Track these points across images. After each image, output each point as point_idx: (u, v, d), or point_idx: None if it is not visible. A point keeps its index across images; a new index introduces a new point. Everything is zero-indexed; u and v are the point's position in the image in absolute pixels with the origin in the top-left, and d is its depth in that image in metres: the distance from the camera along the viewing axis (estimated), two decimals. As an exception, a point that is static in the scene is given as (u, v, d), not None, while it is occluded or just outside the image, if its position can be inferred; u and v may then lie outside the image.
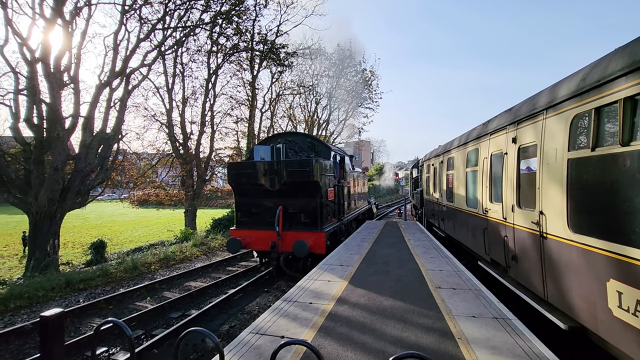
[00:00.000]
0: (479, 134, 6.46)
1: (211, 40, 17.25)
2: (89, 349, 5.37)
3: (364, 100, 28.40)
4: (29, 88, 11.09)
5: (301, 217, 7.87)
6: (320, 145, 9.55)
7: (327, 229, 7.91)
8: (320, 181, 7.64)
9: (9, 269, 12.91)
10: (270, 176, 7.99)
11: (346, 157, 11.18)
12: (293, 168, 7.67)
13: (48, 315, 2.42)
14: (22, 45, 10.93)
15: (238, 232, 8.30)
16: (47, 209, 10.88)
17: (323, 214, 7.88)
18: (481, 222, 6.15)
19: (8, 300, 7.19)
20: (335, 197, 8.89)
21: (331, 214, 8.63)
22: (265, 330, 3.50)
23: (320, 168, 7.69)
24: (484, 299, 4.21)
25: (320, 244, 7.57)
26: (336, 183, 9.13)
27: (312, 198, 7.80)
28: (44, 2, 10.83)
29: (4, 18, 10.75)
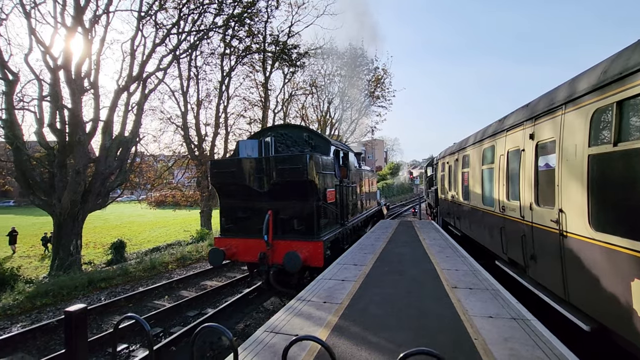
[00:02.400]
0: (495, 131, 6.31)
1: (224, 43, 17.50)
2: (110, 346, 5.55)
3: (376, 98, 28.25)
4: (51, 94, 11.54)
5: (294, 224, 6.53)
6: (318, 139, 8.11)
7: (325, 237, 6.66)
8: (317, 180, 6.46)
9: (35, 268, 13.46)
10: (257, 175, 6.77)
11: (351, 153, 9.68)
12: (283, 165, 6.42)
13: (72, 310, 2.51)
14: (45, 53, 11.38)
15: (222, 241, 7.04)
16: (69, 210, 11.30)
17: (321, 219, 6.68)
18: (498, 221, 6.01)
19: (35, 298, 7.52)
20: (336, 199, 7.69)
21: (332, 219, 7.41)
22: (280, 329, 3.53)
23: (317, 165, 6.51)
24: (501, 299, 4.12)
25: (317, 255, 6.28)
26: (338, 183, 7.87)
27: (307, 201, 6.53)
28: (65, 11, 11.22)
29: (28, 28, 11.22)
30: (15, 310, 7.13)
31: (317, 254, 6.30)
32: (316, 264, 6.30)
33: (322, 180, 6.76)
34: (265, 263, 6.50)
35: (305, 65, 21.63)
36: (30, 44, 11.37)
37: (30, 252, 17.84)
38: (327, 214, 7.06)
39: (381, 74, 27.05)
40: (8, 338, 5.65)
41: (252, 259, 6.71)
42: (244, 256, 6.89)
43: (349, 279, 5.21)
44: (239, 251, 6.89)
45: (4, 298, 7.47)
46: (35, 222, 27.90)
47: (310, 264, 6.28)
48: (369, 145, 39.23)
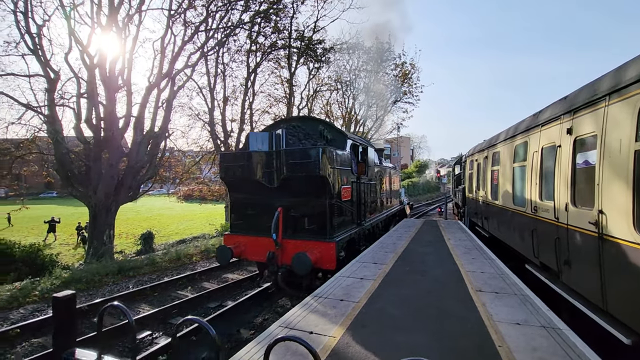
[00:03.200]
0: (528, 126, 5.92)
1: (250, 40, 17.71)
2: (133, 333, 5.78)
3: (403, 94, 27.57)
4: (88, 91, 12.19)
5: (305, 223, 6.14)
6: (333, 132, 7.62)
7: (339, 238, 6.25)
8: (330, 176, 6.02)
9: (73, 255, 14.34)
10: (267, 170, 6.38)
11: (370, 148, 9.08)
12: (294, 159, 6.02)
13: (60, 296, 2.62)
14: (83, 52, 12.02)
15: (231, 238, 6.78)
16: (103, 201, 11.92)
17: (334, 218, 6.21)
18: (529, 222, 5.65)
19: (70, 284, 8.00)
20: (352, 197, 7.22)
21: (347, 218, 6.96)
22: (295, 325, 3.49)
23: (330, 159, 6.05)
24: (530, 305, 3.84)
25: (329, 256, 5.86)
26: (355, 179, 7.39)
27: (319, 198, 6.10)
28: (100, 11, 11.77)
29: (68, 28, 11.88)
30: (52, 294, 7.59)
31: (329, 256, 5.87)
32: (328, 267, 5.90)
33: (336, 177, 6.33)
34: (274, 263, 6.17)
35: (330, 60, 21.48)
36: (69, 43, 12.05)
37: (69, 240, 19.07)
38: (342, 213, 6.62)
39: (408, 69, 26.34)
40: (43, 320, 6.05)
41: (260, 259, 6.38)
42: (252, 255, 6.60)
43: (367, 277, 5.08)
44: (248, 249, 6.59)
45: (43, 282, 8.00)
46: (74, 212, 29.79)
47: (322, 266, 5.90)
48: (395, 142, 38.48)
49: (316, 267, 5.79)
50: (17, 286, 7.83)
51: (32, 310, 6.72)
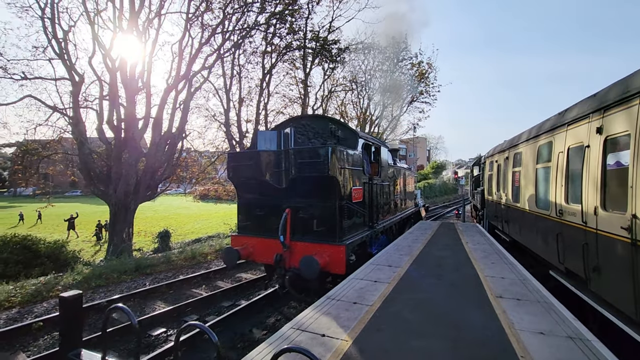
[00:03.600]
0: (553, 125, 5.65)
1: (265, 41, 17.83)
2: (147, 330, 5.87)
3: (420, 94, 27.11)
4: (110, 94, 12.58)
5: (314, 225, 5.91)
6: (345, 131, 7.32)
7: (350, 241, 5.97)
8: (340, 177, 5.78)
9: (94, 252, 14.80)
10: (275, 170, 6.25)
11: (383, 148, 8.67)
12: (302, 159, 5.79)
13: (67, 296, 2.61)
14: (106, 56, 12.41)
15: (238, 239, 6.62)
16: (123, 200, 12.24)
17: (344, 220, 5.96)
18: (554, 226, 5.38)
19: (90, 280, 8.23)
20: (364, 199, 6.92)
21: (358, 221, 6.68)
22: (306, 327, 3.42)
23: (340, 159, 5.79)
24: (555, 314, 3.63)
25: (338, 261, 5.60)
26: (367, 180, 7.12)
27: (328, 199, 5.85)
28: (122, 15, 12.12)
29: (92, 33, 12.30)
30: (74, 289, 7.82)
31: (339, 260, 5.60)
32: (337, 271, 5.63)
33: (347, 177, 6.08)
34: (282, 266, 5.96)
35: (345, 60, 21.36)
36: (93, 48, 12.48)
37: (91, 237, 19.73)
38: (352, 215, 6.36)
39: (425, 68, 25.89)
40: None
41: (268, 261, 6.17)
42: (260, 257, 6.42)
43: (382, 280, 4.96)
44: (255, 251, 6.41)
45: (65, 278, 8.27)
46: (96, 210, 30.86)
47: (331, 271, 5.64)
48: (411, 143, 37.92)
49: (325, 271, 5.56)
50: (42, 281, 8.14)
51: (55, 305, 6.94)
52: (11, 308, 6.83)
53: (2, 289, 7.36)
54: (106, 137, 13.05)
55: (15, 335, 5.60)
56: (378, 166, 8.10)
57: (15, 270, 9.04)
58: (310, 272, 5.26)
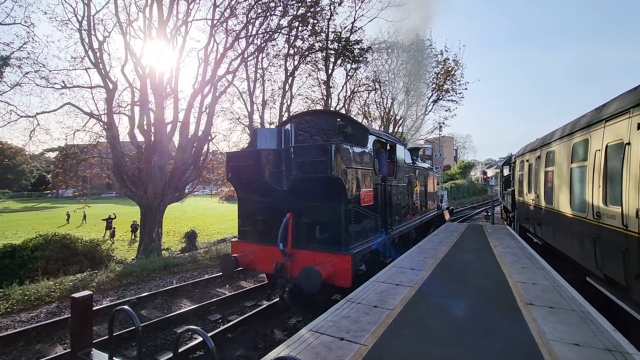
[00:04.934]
0: (589, 122, 5.29)
1: (288, 44, 18.04)
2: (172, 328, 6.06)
3: (445, 92, 26.37)
4: (140, 99, 13.19)
5: (317, 231, 5.36)
6: (354, 127, 6.68)
7: (357, 249, 5.34)
8: (346, 177, 5.17)
9: (127, 250, 15.54)
10: (276, 170, 5.73)
11: (399, 145, 7.92)
12: (302, 157, 5.22)
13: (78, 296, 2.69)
14: (137, 64, 13.04)
15: (239, 245, 6.17)
16: (153, 201, 12.78)
17: (350, 226, 5.31)
18: (591, 229, 5.02)
19: (122, 277, 8.64)
20: (376, 202, 6.29)
21: (368, 226, 6.02)
22: (325, 330, 3.39)
23: (346, 158, 5.20)
24: (592, 324, 3.38)
25: (343, 272, 5.00)
26: (379, 181, 6.48)
27: (333, 203, 5.25)
28: (151, 24, 12.68)
29: (124, 43, 12.96)
30: (107, 286, 8.28)
31: (344, 271, 5.00)
32: (342, 284, 5.01)
33: (354, 178, 5.46)
34: (283, 276, 5.39)
35: (368, 60, 21.17)
36: (125, 56, 13.16)
37: (125, 237, 20.75)
38: (361, 220, 5.71)
39: (451, 65, 25.15)
40: (99, 309, 6.58)
41: (269, 270, 5.64)
42: (261, 265, 5.90)
43: (403, 284, 4.84)
44: (256, 259, 5.90)
45: (99, 275, 8.74)
46: (130, 210, 32.42)
47: (335, 283, 5.05)
48: (437, 142, 36.94)
49: (329, 283, 5.01)
50: (78, 277, 8.65)
51: (89, 301, 7.34)
52: (51, 302, 7.30)
53: (44, 285, 7.88)
54: (137, 141, 13.69)
55: (55, 328, 5.97)
56: (393, 165, 7.51)
57: (55, 267, 9.69)
58: (310, 284, 4.67)
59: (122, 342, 5.37)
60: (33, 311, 6.86)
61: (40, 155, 17.65)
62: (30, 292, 7.39)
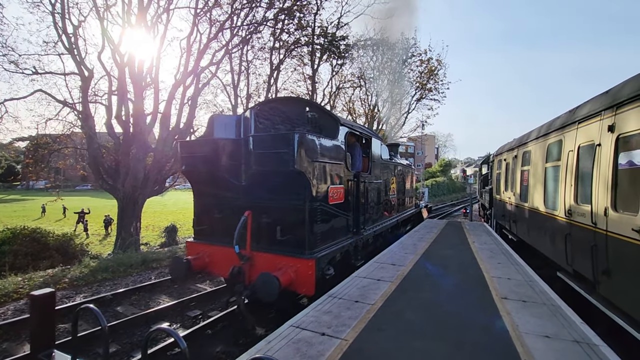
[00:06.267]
0: (563, 123, 5.50)
1: (274, 37, 17.78)
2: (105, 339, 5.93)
3: (429, 91, 26.77)
4: (119, 89, 12.68)
5: (278, 232, 4.68)
6: (324, 117, 5.95)
7: (324, 252, 4.82)
8: (311, 172, 4.60)
9: (103, 245, 15.03)
10: (234, 162, 5.11)
11: (374, 139, 7.31)
12: (262, 149, 4.63)
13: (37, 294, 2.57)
14: (114, 51, 12.49)
15: (194, 246, 5.55)
16: (131, 194, 12.37)
17: (315, 226, 4.74)
18: (562, 227, 5.25)
19: (97, 272, 8.35)
20: (347, 200, 5.71)
21: (338, 226, 5.48)
22: (307, 326, 3.40)
23: (312, 150, 4.63)
24: (562, 317, 3.55)
25: (305, 279, 4.47)
26: (351, 177, 5.90)
27: (296, 200, 4.67)
28: (130, 10, 12.18)
29: (101, 29, 12.39)
30: (81, 281, 7.98)
31: (306, 277, 4.45)
32: (304, 291, 4.54)
33: (321, 173, 4.88)
34: (241, 281, 4.82)
35: (353, 57, 21.18)
36: (102, 43, 12.57)
37: (100, 231, 20.05)
38: (329, 220, 5.14)
39: (435, 65, 25.53)
40: (72, 306, 6.33)
41: (226, 274, 5.05)
42: (218, 268, 5.30)
43: (385, 279, 4.91)
44: (212, 261, 5.31)
45: (73, 270, 8.41)
46: (106, 204, 31.32)
47: (297, 291, 4.56)
48: (419, 140, 37.53)
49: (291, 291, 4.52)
50: (49, 273, 8.28)
51: (61, 297, 7.05)
52: (19, 299, 6.97)
53: (12, 281, 7.51)
54: (115, 132, 13.17)
55: (23, 326, 5.70)
56: (368, 161, 6.95)
57: (24, 262, 9.24)
58: (266, 293, 4.16)
59: (94, 341, 5.19)
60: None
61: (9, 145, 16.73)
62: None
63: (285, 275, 4.37)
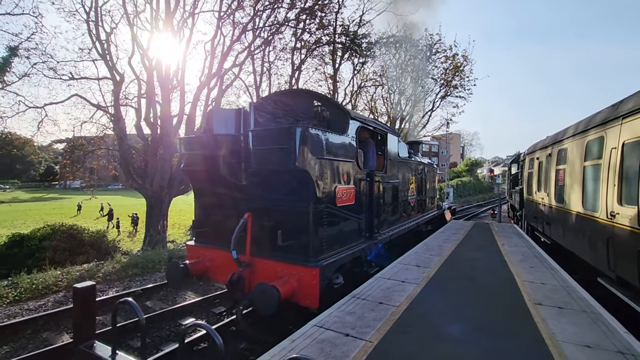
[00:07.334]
0: (605, 119, 5.14)
1: (295, 37, 17.87)
2: (177, 320, 6.09)
3: (454, 88, 25.98)
4: (147, 92, 13.18)
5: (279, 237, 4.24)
6: (334, 111, 5.49)
7: (330, 260, 4.38)
8: (316, 170, 4.16)
9: (132, 242, 15.68)
10: (233, 160, 4.59)
11: (391, 135, 6.71)
12: (261, 145, 4.28)
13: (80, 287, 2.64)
14: (143, 56, 13.01)
15: (195, 250, 5.26)
16: (158, 193, 12.83)
17: (321, 230, 4.29)
18: (604, 229, 4.91)
19: (127, 268, 8.70)
20: (359, 201, 5.22)
21: (348, 230, 5.01)
22: (330, 326, 3.36)
23: (317, 146, 4.21)
24: (603, 326, 3.30)
25: (309, 289, 4.05)
26: (363, 176, 5.40)
27: (299, 201, 4.24)
28: (158, 16, 12.63)
29: (131, 34, 12.93)
30: (113, 276, 8.35)
31: (310, 288, 4.03)
32: (307, 303, 4.06)
33: (327, 171, 4.41)
34: (240, 289, 4.43)
35: (375, 55, 20.90)
36: (132, 48, 13.17)
37: (131, 229, 20.95)
38: (337, 223, 4.69)
39: (460, 61, 24.72)
40: (106, 299, 6.64)
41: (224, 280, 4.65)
42: (218, 274, 4.96)
43: (409, 281, 4.79)
44: (213, 266, 5.00)
45: (106, 266, 8.81)
46: (136, 202, 32.69)
47: (299, 302, 4.09)
48: (443, 139, 36.52)
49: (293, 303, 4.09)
50: (85, 268, 8.73)
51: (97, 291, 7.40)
52: (58, 292, 7.38)
53: (51, 274, 7.96)
54: (144, 133, 13.73)
55: (61, 317, 6.02)
56: (384, 159, 6.41)
57: (62, 257, 9.80)
58: (264, 305, 3.76)
59: (127, 333, 5.40)
60: (40, 300, 6.94)
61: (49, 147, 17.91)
62: (38, 281, 7.47)
63: (287, 285, 3.97)
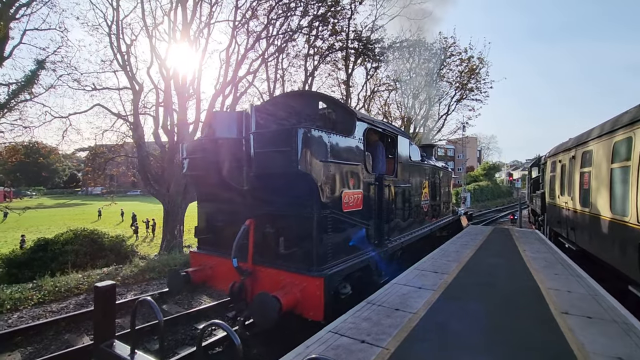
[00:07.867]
0: (633, 118, 4.91)
1: (308, 44, 18.04)
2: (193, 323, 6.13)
3: (469, 91, 25.52)
4: (165, 100, 13.55)
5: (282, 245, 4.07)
6: (340, 111, 5.36)
7: (336, 269, 4.15)
8: (319, 174, 3.96)
9: (150, 247, 16.00)
10: (235, 164, 4.44)
11: (401, 137, 6.44)
12: (262, 147, 4.10)
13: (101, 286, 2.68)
14: (161, 65, 13.41)
15: (198, 257, 5.12)
16: (175, 199, 13.08)
17: (325, 237, 4.07)
18: (635, 234, 4.65)
19: (145, 272, 8.87)
20: (367, 206, 4.99)
21: (356, 238, 4.78)
22: (345, 332, 3.29)
23: (320, 148, 4.02)
24: (636, 337, 3.10)
25: (313, 300, 3.81)
26: (372, 181, 5.16)
27: (302, 207, 4.04)
28: (175, 27, 13.01)
29: (150, 45, 13.36)
30: (131, 280, 8.52)
31: (314, 299, 3.80)
32: (311, 315, 3.82)
33: (332, 175, 4.20)
34: (242, 299, 4.30)
35: (389, 59, 20.83)
36: (151, 58, 13.57)
37: (146, 234, 21.44)
38: (343, 230, 4.48)
39: (476, 64, 24.29)
40: (124, 302, 6.76)
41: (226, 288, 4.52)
42: (221, 282, 4.77)
43: (426, 287, 4.66)
44: (215, 274, 4.82)
45: (124, 269, 9.00)
46: (153, 208, 33.47)
47: (303, 314, 3.87)
48: (459, 143, 35.84)
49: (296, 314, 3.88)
50: (105, 271, 8.94)
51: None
52: (79, 294, 7.57)
53: (73, 277, 8.20)
54: (161, 140, 14.09)
55: (82, 319, 6.16)
56: (394, 162, 6.20)
57: (84, 261, 10.08)
58: (264, 317, 3.53)
59: (144, 335, 5.46)
60: (63, 302, 7.13)
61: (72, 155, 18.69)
62: (61, 284, 7.69)
63: (289, 295, 3.75)
